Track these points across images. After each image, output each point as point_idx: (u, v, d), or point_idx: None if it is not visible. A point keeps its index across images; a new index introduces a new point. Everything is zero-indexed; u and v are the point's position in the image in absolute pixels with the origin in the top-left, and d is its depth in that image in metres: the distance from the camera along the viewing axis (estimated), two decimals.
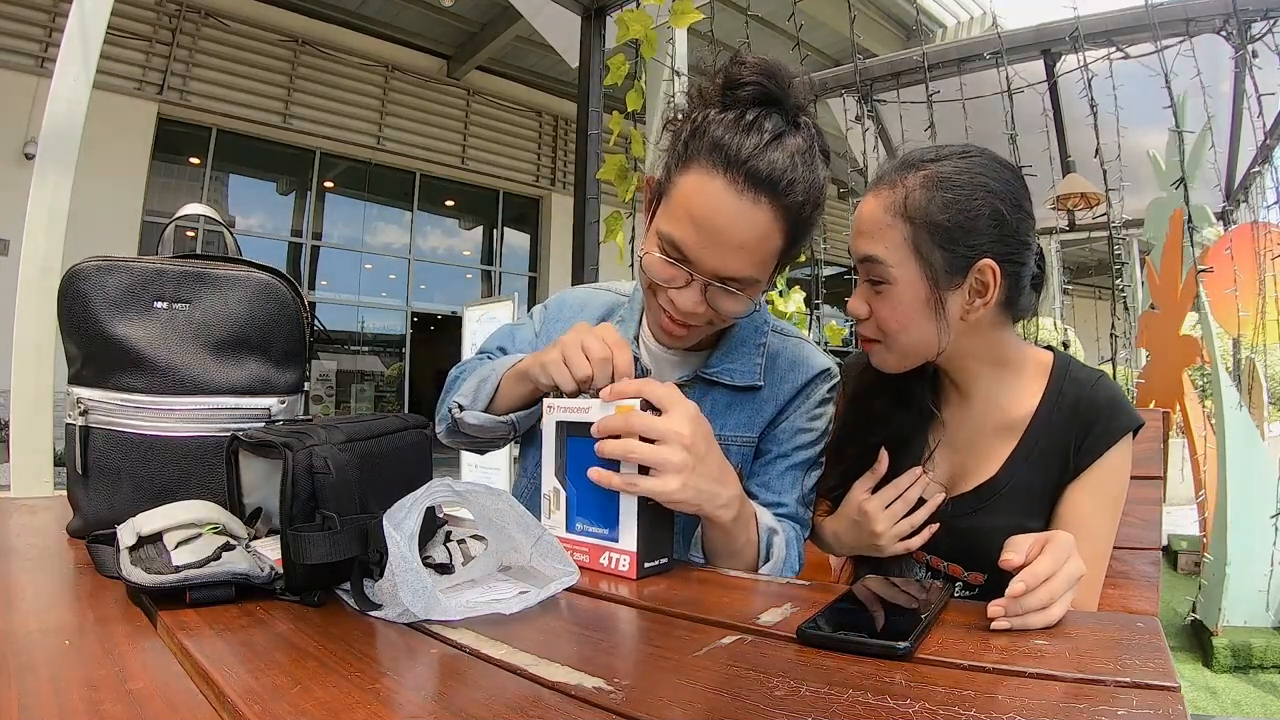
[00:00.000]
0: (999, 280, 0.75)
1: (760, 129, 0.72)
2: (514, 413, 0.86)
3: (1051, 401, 0.80)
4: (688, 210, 0.74)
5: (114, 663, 0.44)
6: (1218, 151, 3.98)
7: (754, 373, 0.89)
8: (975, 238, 0.74)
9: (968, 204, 0.73)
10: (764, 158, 0.71)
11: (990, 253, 0.74)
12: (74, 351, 0.79)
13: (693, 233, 0.74)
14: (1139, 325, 3.39)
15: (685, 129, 0.76)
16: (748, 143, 0.71)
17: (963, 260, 0.74)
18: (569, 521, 0.72)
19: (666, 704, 0.38)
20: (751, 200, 0.72)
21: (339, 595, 0.58)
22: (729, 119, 0.73)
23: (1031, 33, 3.78)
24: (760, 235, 0.74)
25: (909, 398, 0.86)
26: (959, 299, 0.76)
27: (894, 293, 0.76)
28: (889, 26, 8.59)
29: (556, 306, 1.03)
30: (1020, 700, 0.38)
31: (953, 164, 0.75)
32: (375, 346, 10.04)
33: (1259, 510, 2.81)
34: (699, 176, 0.73)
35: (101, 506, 0.76)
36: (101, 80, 2.06)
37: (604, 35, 2.77)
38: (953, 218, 0.73)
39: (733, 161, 0.71)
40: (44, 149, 1.71)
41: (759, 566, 0.78)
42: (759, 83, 0.73)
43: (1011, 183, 0.77)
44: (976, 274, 0.75)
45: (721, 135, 0.72)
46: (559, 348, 0.74)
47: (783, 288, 3.51)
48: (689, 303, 0.78)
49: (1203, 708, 2.45)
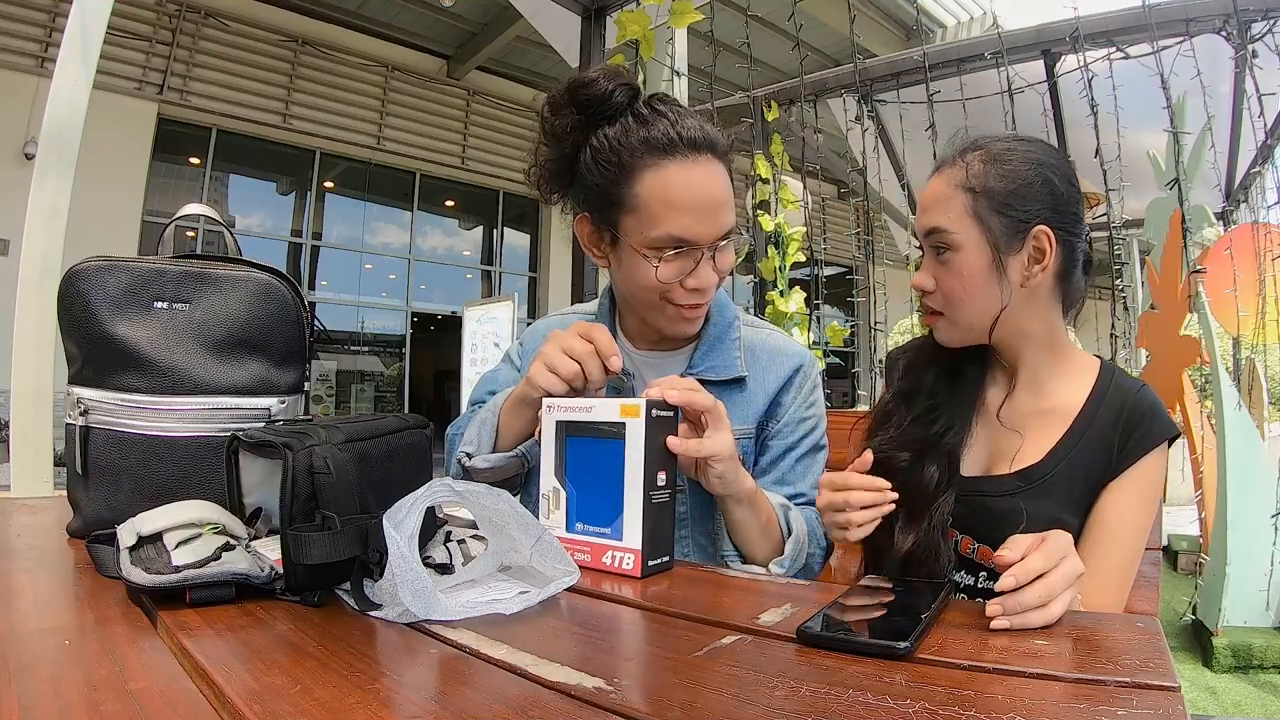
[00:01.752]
0: (1054, 247, 0.79)
1: (658, 114, 0.80)
2: (521, 444, 0.86)
3: (1099, 398, 0.83)
4: (668, 204, 0.79)
5: (114, 663, 0.44)
6: (1218, 151, 3.98)
7: (735, 365, 0.92)
8: (1030, 204, 0.79)
9: (1023, 173, 0.80)
10: (683, 128, 0.79)
11: (1045, 220, 0.79)
12: (74, 351, 0.79)
13: (686, 217, 0.79)
14: (1139, 325, 3.39)
15: (589, 161, 0.81)
16: (662, 126, 0.79)
17: (1020, 225, 0.79)
18: (569, 521, 0.72)
19: (666, 704, 0.38)
20: (705, 161, 0.80)
21: (339, 595, 0.58)
22: (630, 123, 0.80)
23: (1031, 33, 3.78)
24: (725, 183, 0.82)
25: (959, 375, 0.90)
26: (1018, 265, 0.80)
27: (958, 260, 0.81)
28: (889, 26, 8.59)
29: (530, 338, 1.05)
30: (1020, 700, 0.38)
31: (1007, 143, 0.82)
32: (375, 346, 10.03)
33: (1259, 510, 2.81)
34: (654, 174, 0.79)
35: (101, 506, 0.76)
36: (101, 80, 2.06)
37: (604, 35, 2.77)
38: (1008, 185, 0.79)
39: (668, 144, 0.78)
40: (44, 149, 1.71)
41: (784, 542, 0.82)
42: (621, 84, 0.80)
43: (1063, 161, 0.83)
44: (1034, 240, 0.79)
45: (640, 134, 0.79)
46: (540, 359, 0.77)
47: (783, 288, 3.51)
48: (708, 277, 0.84)
49: (1203, 708, 2.46)
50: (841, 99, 4.00)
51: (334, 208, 9.16)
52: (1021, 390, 0.86)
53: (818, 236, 3.86)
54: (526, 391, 0.80)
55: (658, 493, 0.69)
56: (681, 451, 0.70)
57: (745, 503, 0.79)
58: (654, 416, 0.68)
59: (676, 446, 0.70)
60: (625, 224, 0.82)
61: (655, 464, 0.68)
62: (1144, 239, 3.83)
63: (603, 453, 0.70)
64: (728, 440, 0.73)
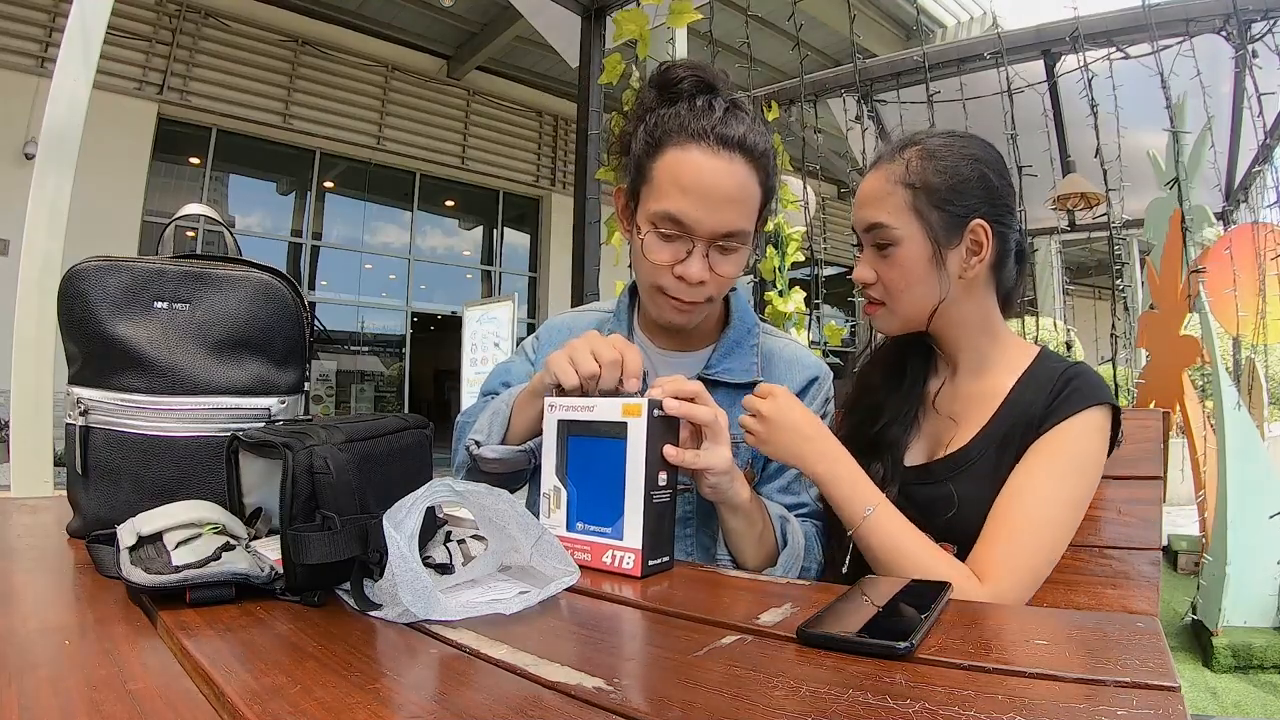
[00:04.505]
0: (990, 239, 0.82)
1: (711, 108, 0.81)
2: (532, 439, 0.86)
3: (1028, 378, 0.84)
4: (676, 182, 0.81)
5: (114, 663, 0.44)
6: (1217, 151, 3.98)
7: (752, 370, 0.93)
8: (968, 199, 0.81)
9: (960, 169, 0.82)
10: (725, 126, 0.80)
11: (982, 214, 0.82)
12: (74, 351, 0.79)
13: (687, 199, 0.80)
14: (1139, 325, 3.39)
15: (641, 134, 0.84)
16: (708, 119, 0.80)
17: (958, 220, 0.81)
18: (569, 520, 0.72)
19: (666, 704, 0.38)
20: (728, 158, 0.80)
21: (339, 595, 0.58)
22: (682, 108, 0.82)
23: (1031, 33, 3.78)
24: (742, 185, 0.82)
25: (902, 372, 0.92)
26: (957, 257, 0.82)
27: (900, 253, 0.82)
28: (889, 26, 8.59)
29: (547, 333, 1.05)
30: (1020, 700, 0.38)
31: (942, 139, 0.84)
32: (375, 346, 10.03)
33: (1259, 510, 2.81)
34: (676, 152, 0.81)
35: (101, 506, 0.76)
36: (101, 80, 2.06)
37: (604, 35, 2.77)
38: (947, 180, 0.81)
39: (702, 132, 0.80)
40: (44, 149, 1.71)
41: (779, 552, 0.81)
42: (693, 75, 0.84)
43: (995, 155, 0.86)
44: (971, 234, 0.82)
45: (684, 118, 0.81)
46: (566, 349, 0.76)
47: (783, 288, 3.50)
48: (696, 270, 0.83)
49: (1203, 708, 2.45)
50: (841, 99, 4.00)
51: (334, 208, 9.17)
52: (960, 378, 0.88)
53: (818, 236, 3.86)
54: (541, 378, 0.80)
55: (659, 492, 0.69)
56: (677, 463, 0.70)
57: (740, 512, 0.79)
58: (656, 416, 0.68)
59: (673, 458, 0.70)
60: (643, 194, 0.85)
61: (656, 464, 0.68)
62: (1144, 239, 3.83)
63: (604, 452, 0.70)
64: (724, 455, 0.73)
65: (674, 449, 0.70)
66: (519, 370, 1.01)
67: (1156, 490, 0.88)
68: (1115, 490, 0.88)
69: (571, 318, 1.06)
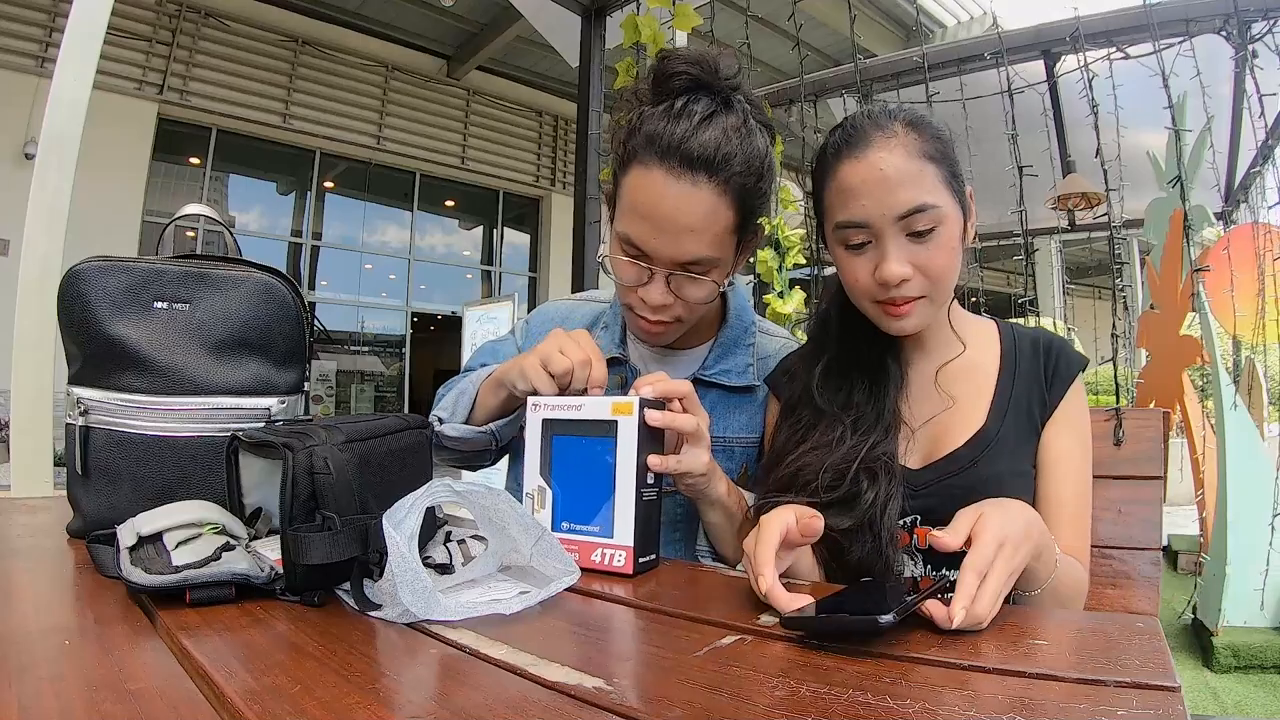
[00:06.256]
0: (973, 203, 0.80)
1: (689, 114, 0.76)
2: (493, 422, 0.86)
3: (1012, 348, 0.84)
4: (634, 206, 0.78)
5: (114, 663, 0.44)
6: (1217, 152, 3.98)
7: (747, 373, 0.92)
8: (958, 163, 0.78)
9: (943, 134, 0.77)
10: (695, 140, 0.74)
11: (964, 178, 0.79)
12: (74, 351, 0.79)
13: (643, 226, 0.78)
14: (1139, 325, 3.39)
15: (623, 132, 0.80)
16: (679, 129, 0.75)
17: (961, 186, 0.77)
18: (554, 520, 0.72)
19: (666, 704, 0.38)
20: (691, 183, 0.75)
21: (339, 595, 0.58)
22: (660, 110, 0.77)
23: (1031, 33, 3.78)
24: (705, 214, 0.76)
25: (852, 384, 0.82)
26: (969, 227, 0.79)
27: (944, 235, 0.74)
28: (889, 26, 8.58)
29: (538, 319, 1.04)
30: (1020, 700, 0.38)
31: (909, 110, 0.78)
32: (375, 346, 10.03)
33: (1259, 510, 2.81)
34: (639, 171, 0.77)
35: (101, 506, 0.76)
36: (101, 80, 2.06)
37: (604, 35, 2.77)
38: (946, 149, 0.76)
39: (668, 150, 0.75)
40: (44, 149, 1.71)
41: None
42: (686, 71, 0.77)
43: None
44: (970, 199, 0.79)
45: (654, 127, 0.76)
46: (535, 354, 0.76)
47: (782, 289, 3.50)
48: (657, 296, 0.81)
49: (1203, 708, 2.45)
50: (841, 99, 3.99)
51: (334, 208, 9.16)
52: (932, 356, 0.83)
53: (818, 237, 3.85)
54: (512, 378, 0.79)
55: (648, 490, 0.69)
56: (659, 469, 0.70)
57: (717, 507, 0.79)
58: (646, 414, 0.68)
59: (657, 466, 0.69)
60: (616, 205, 0.83)
61: (646, 461, 0.68)
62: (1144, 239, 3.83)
63: (589, 450, 0.70)
64: (703, 459, 0.74)
65: (657, 458, 0.70)
66: (505, 351, 1.01)
67: (1157, 490, 0.88)
68: (1115, 490, 0.88)
69: (569, 307, 1.05)
